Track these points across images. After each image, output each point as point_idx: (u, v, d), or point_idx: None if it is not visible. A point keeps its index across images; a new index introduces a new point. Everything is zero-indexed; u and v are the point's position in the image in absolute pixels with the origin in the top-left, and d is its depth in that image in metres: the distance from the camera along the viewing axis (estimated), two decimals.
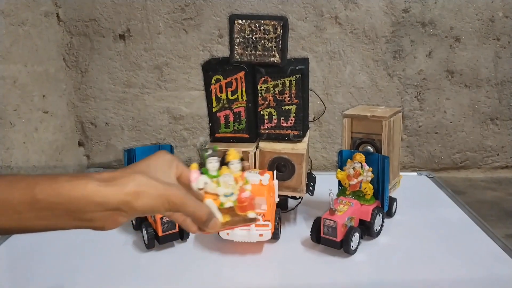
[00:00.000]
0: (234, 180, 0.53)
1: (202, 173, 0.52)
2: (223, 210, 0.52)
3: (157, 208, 0.46)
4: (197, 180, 0.51)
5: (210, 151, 0.52)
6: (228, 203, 0.52)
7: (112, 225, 0.48)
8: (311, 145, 1.42)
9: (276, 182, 0.90)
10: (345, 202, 0.89)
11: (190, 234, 0.91)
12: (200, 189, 0.51)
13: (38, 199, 0.43)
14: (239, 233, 0.82)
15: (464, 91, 1.46)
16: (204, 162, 0.53)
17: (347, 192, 0.93)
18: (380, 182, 0.92)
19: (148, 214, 0.49)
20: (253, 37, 0.89)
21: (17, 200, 0.43)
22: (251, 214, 0.55)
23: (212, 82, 0.93)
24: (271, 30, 0.88)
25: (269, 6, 1.36)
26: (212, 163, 0.52)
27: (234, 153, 0.54)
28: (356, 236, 0.84)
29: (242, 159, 0.55)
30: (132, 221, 0.96)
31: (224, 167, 0.53)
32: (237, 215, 0.54)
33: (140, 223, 0.91)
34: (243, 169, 0.55)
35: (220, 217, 0.51)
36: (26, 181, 0.43)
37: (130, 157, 0.94)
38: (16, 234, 0.94)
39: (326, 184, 0.92)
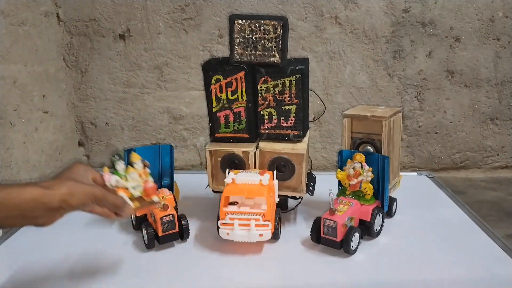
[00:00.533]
0: (139, 176, 0.70)
1: (112, 173, 0.69)
2: (133, 199, 0.69)
3: (87, 202, 0.62)
4: (110, 179, 0.68)
5: (116, 157, 0.70)
6: (136, 193, 0.69)
7: (51, 221, 0.61)
8: (311, 145, 1.42)
9: (276, 182, 0.90)
10: (345, 202, 0.89)
11: (190, 234, 0.91)
12: (113, 186, 0.68)
13: None
14: (239, 233, 0.82)
15: (464, 91, 1.46)
16: (114, 165, 0.70)
17: (347, 192, 0.93)
18: (380, 182, 0.92)
19: (80, 209, 0.63)
20: (253, 37, 0.89)
21: None
22: (155, 198, 0.72)
23: (212, 82, 0.93)
24: (271, 30, 0.88)
25: (269, 6, 1.36)
26: (120, 165, 0.70)
27: (135, 155, 0.72)
28: (356, 236, 0.84)
29: (142, 160, 0.72)
30: (132, 221, 0.96)
31: (129, 167, 0.70)
32: (144, 201, 0.71)
33: (140, 223, 0.91)
34: (145, 166, 0.72)
35: (131, 204, 0.68)
36: None
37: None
38: (19, 234, 0.95)
39: (326, 184, 0.92)
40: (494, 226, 0.98)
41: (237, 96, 0.93)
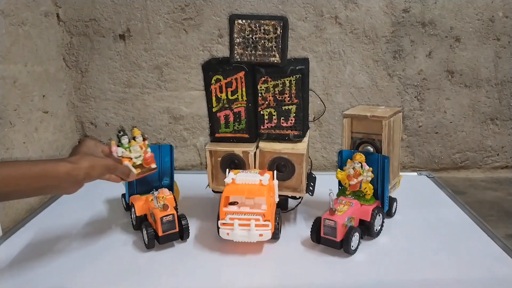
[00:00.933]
0: (139, 147, 0.87)
1: (118, 146, 0.86)
2: (135, 166, 0.86)
3: (103, 173, 0.78)
4: (117, 150, 0.85)
5: (121, 133, 0.87)
6: (138, 162, 0.87)
7: (76, 190, 0.74)
8: (311, 145, 1.42)
9: (276, 182, 0.90)
10: (345, 202, 0.89)
11: (190, 234, 0.91)
12: (119, 156, 0.85)
13: (36, 172, 0.69)
14: (239, 233, 0.82)
15: (464, 91, 1.46)
16: (119, 139, 0.86)
17: (347, 192, 0.93)
18: (380, 182, 0.92)
19: (97, 179, 0.77)
20: (253, 37, 0.89)
21: (21, 173, 0.68)
22: (152, 165, 0.89)
23: (212, 82, 0.93)
24: (271, 30, 0.88)
25: (269, 6, 1.36)
26: (124, 139, 0.86)
27: (136, 130, 0.88)
28: (356, 236, 0.85)
29: (142, 134, 0.88)
30: (132, 221, 0.96)
31: (132, 141, 0.87)
32: (144, 168, 0.88)
33: (140, 223, 0.91)
34: (144, 139, 0.88)
35: (134, 171, 0.86)
36: (29, 163, 0.70)
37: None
38: (19, 234, 0.95)
39: (326, 184, 0.92)
40: (494, 226, 0.98)
41: (237, 96, 0.93)
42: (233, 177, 0.87)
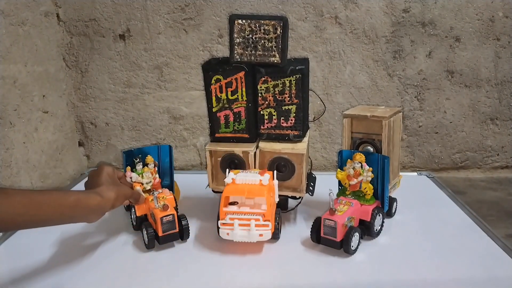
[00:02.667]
0: (150, 173, 0.94)
1: (133, 171, 0.94)
2: (144, 191, 0.93)
3: (123, 202, 0.84)
4: (131, 176, 0.93)
5: (138, 160, 0.94)
6: (148, 187, 0.94)
7: (98, 219, 0.78)
8: (311, 145, 1.42)
9: (276, 182, 0.90)
10: (345, 202, 0.89)
11: (190, 234, 0.91)
12: (132, 181, 0.93)
13: (69, 202, 0.72)
14: (239, 233, 0.82)
15: (464, 91, 1.46)
16: (135, 165, 0.94)
17: (347, 192, 0.93)
18: (380, 182, 0.92)
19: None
20: (253, 37, 0.89)
21: (54, 197, 0.71)
22: (159, 190, 0.95)
23: (212, 82, 0.93)
24: (271, 30, 0.88)
25: (269, 6, 1.36)
26: (139, 166, 0.94)
27: (150, 158, 0.95)
28: (356, 236, 0.85)
29: (154, 161, 0.96)
30: (132, 221, 0.96)
31: (145, 167, 0.95)
32: (155, 190, 0.92)
33: (140, 223, 0.91)
34: (155, 166, 0.96)
35: (144, 196, 0.92)
36: (61, 193, 0.74)
37: (129, 160, 0.94)
38: (19, 234, 0.95)
39: (326, 184, 0.92)
40: (494, 226, 0.98)
41: (237, 96, 0.93)
42: (233, 177, 0.87)
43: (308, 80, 0.94)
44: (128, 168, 0.94)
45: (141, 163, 0.94)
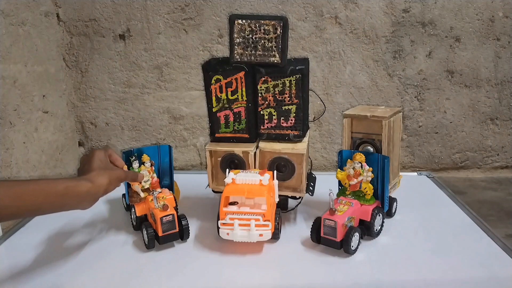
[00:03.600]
0: (148, 172, 0.93)
1: (129, 170, 0.91)
2: (143, 190, 0.93)
3: (118, 185, 0.81)
4: None
5: (134, 158, 0.93)
6: (146, 186, 0.93)
7: (91, 205, 0.76)
8: (311, 145, 1.42)
9: (276, 182, 0.90)
10: (345, 202, 0.89)
11: (190, 234, 0.91)
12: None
13: (58, 191, 0.69)
14: (239, 233, 0.82)
15: (464, 91, 1.46)
16: (131, 164, 0.92)
17: (347, 192, 0.93)
18: (380, 182, 0.92)
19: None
20: (253, 37, 0.89)
21: (43, 191, 0.68)
22: (158, 190, 0.93)
23: (212, 82, 0.93)
24: (271, 30, 0.88)
25: (269, 6, 1.36)
26: (135, 164, 0.93)
27: (146, 156, 0.94)
28: (356, 236, 0.84)
29: (150, 160, 0.94)
30: (132, 221, 0.96)
31: (142, 165, 0.93)
32: (155, 190, 0.91)
33: (140, 223, 0.91)
34: (151, 165, 0.94)
35: (142, 194, 0.92)
36: (50, 182, 0.71)
37: (129, 158, 0.94)
38: (19, 234, 0.95)
39: (326, 184, 0.92)
40: (494, 226, 0.98)
41: (237, 96, 0.93)
42: (233, 177, 0.87)
43: (308, 80, 0.94)
44: (124, 166, 0.92)
45: (137, 161, 0.93)
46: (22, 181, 0.69)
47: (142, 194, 0.92)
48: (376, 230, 0.91)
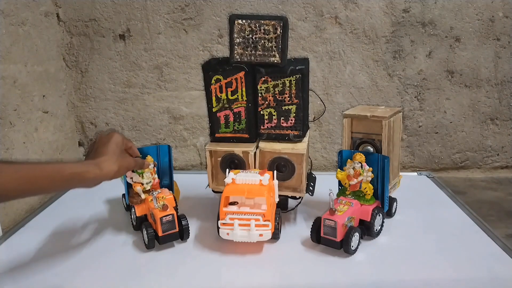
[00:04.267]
0: (150, 174, 0.94)
1: (133, 171, 0.92)
2: (144, 191, 0.93)
3: (125, 173, 0.84)
4: (131, 175, 0.93)
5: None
6: (148, 187, 0.93)
7: (95, 186, 0.75)
8: (311, 145, 1.42)
9: (276, 182, 0.90)
10: (345, 202, 0.89)
11: (190, 234, 0.91)
12: (132, 181, 0.93)
13: (65, 177, 0.69)
14: (239, 233, 0.82)
15: (464, 91, 1.46)
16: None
17: (347, 192, 0.93)
18: (380, 182, 0.92)
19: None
20: (253, 37, 0.89)
21: (49, 172, 0.68)
22: (158, 190, 0.95)
23: (212, 82, 0.93)
24: (271, 30, 0.88)
25: (269, 6, 1.36)
26: None
27: (150, 158, 0.94)
28: (356, 236, 0.85)
29: (153, 162, 0.95)
30: (132, 221, 0.96)
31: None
32: (154, 191, 0.93)
33: (140, 223, 0.91)
34: (154, 166, 0.95)
35: (143, 196, 0.92)
36: (53, 166, 0.70)
37: None
38: (19, 234, 0.95)
39: (326, 184, 0.92)
40: (494, 226, 0.98)
41: (237, 96, 0.93)
42: (233, 177, 0.87)
43: (308, 80, 0.94)
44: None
45: None
46: (29, 164, 0.69)
47: (143, 196, 0.92)
48: (376, 230, 0.91)
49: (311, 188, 0.98)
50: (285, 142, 0.95)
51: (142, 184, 0.93)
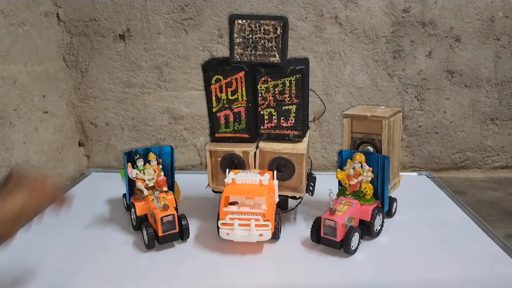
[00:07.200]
0: (153, 170, 0.93)
1: (134, 168, 0.93)
2: (147, 188, 0.92)
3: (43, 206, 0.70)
4: (132, 172, 0.92)
5: (138, 156, 0.93)
6: (151, 184, 0.93)
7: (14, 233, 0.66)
8: (311, 145, 1.42)
9: (276, 182, 0.90)
10: (345, 202, 0.89)
11: (190, 234, 0.91)
12: (134, 178, 0.92)
13: None
14: (239, 233, 0.82)
15: (464, 91, 1.46)
16: (135, 162, 0.93)
17: (347, 192, 0.93)
18: (380, 182, 0.92)
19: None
20: (253, 37, 0.89)
21: None
22: (164, 188, 0.94)
23: (212, 82, 0.93)
24: (271, 30, 0.88)
25: (269, 6, 1.36)
26: (140, 162, 0.93)
27: (152, 155, 0.94)
28: (356, 236, 0.85)
29: (157, 158, 0.94)
30: (132, 221, 0.96)
31: (147, 164, 0.93)
32: (156, 190, 0.92)
33: (140, 223, 0.91)
34: (158, 163, 0.94)
35: (146, 192, 0.92)
36: None
37: (130, 159, 0.94)
38: (19, 235, 0.94)
39: (326, 184, 0.92)
40: (494, 226, 0.98)
41: (237, 96, 0.93)
42: (233, 177, 0.87)
43: (308, 80, 0.94)
44: (129, 164, 0.93)
45: (141, 159, 0.93)
46: None
47: (145, 192, 0.92)
48: (376, 230, 0.91)
49: (311, 188, 0.98)
50: (285, 142, 0.95)
51: (144, 180, 0.93)
